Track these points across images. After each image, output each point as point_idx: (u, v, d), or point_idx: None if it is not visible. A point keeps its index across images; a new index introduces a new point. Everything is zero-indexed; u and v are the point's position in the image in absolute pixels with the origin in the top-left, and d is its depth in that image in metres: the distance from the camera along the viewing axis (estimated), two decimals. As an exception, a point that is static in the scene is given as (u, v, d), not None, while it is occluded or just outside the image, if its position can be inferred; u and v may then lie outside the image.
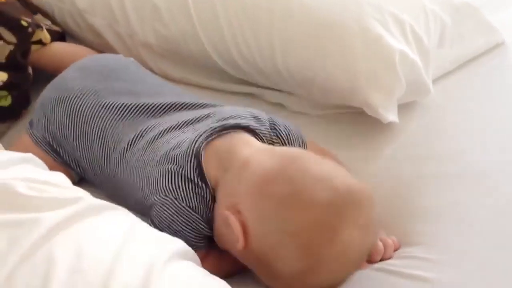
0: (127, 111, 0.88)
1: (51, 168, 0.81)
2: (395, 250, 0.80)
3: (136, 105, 0.88)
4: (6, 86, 1.05)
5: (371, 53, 0.92)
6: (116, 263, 0.62)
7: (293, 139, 0.85)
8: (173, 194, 0.77)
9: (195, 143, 0.78)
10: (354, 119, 0.99)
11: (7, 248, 0.61)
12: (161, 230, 0.75)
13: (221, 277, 0.69)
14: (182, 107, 0.88)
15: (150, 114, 0.88)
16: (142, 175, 0.82)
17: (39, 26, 1.10)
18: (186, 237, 0.76)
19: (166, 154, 0.80)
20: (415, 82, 0.96)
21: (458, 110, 1.01)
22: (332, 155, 0.90)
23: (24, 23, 1.07)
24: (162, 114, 0.87)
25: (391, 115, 0.94)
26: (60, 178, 0.75)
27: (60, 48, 1.13)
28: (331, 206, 0.70)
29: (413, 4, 1.01)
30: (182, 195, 0.77)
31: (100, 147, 0.88)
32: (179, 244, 0.70)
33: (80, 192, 0.72)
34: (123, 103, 0.89)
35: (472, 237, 0.79)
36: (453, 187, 0.86)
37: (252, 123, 0.82)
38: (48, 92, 0.97)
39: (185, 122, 0.84)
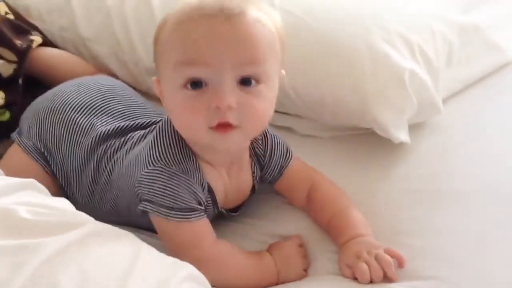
0: (120, 129, 0.91)
1: (39, 177, 0.82)
2: (400, 267, 0.78)
3: (129, 125, 0.92)
4: (6, 104, 1.04)
5: (379, 72, 0.91)
6: (123, 288, 0.60)
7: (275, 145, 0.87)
8: (162, 162, 0.79)
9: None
10: (364, 140, 0.97)
11: (10, 275, 0.59)
12: (158, 203, 0.77)
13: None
14: None
15: (140, 128, 0.91)
16: (132, 160, 0.84)
17: (31, 41, 1.10)
18: (184, 200, 0.78)
19: (152, 136, 0.83)
20: (425, 101, 0.94)
21: (468, 129, 0.99)
22: (321, 176, 0.90)
23: (17, 44, 1.07)
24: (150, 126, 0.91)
25: (402, 135, 0.92)
26: (63, 203, 0.73)
27: (51, 53, 1.13)
28: None
29: (420, 24, 1.00)
30: (170, 160, 0.79)
31: (91, 158, 0.90)
32: (188, 268, 0.68)
33: (84, 217, 0.70)
34: (119, 126, 0.91)
35: (487, 255, 0.78)
36: (465, 205, 0.85)
37: None
38: (43, 101, 0.98)
39: None
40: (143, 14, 1.08)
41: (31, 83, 1.10)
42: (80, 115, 0.93)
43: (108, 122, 0.92)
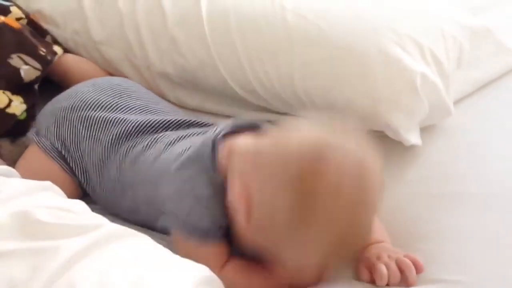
0: (142, 125, 0.92)
1: (58, 176, 0.86)
2: (418, 272, 0.78)
3: (150, 121, 0.93)
4: (27, 107, 1.06)
5: (391, 76, 0.91)
6: (140, 291, 0.61)
7: None
8: (190, 184, 0.78)
9: (214, 135, 0.80)
10: (374, 143, 0.97)
11: (28, 277, 0.60)
12: (180, 224, 0.78)
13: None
14: (189, 124, 0.94)
15: (163, 127, 0.92)
16: (157, 174, 0.84)
17: (55, 53, 1.12)
18: (207, 226, 0.78)
19: (181, 152, 0.83)
20: (436, 104, 0.95)
21: (479, 132, 0.99)
22: None
23: (41, 53, 1.09)
24: (173, 128, 0.92)
25: (413, 138, 0.92)
26: (80, 205, 0.74)
27: (73, 59, 1.15)
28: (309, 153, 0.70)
29: (431, 27, 1.00)
30: (200, 182, 0.78)
31: (113, 154, 0.91)
32: (203, 271, 0.68)
33: (100, 219, 0.71)
34: (138, 120, 0.93)
35: (499, 258, 0.78)
36: (477, 208, 0.85)
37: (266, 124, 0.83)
38: (59, 101, 1.00)
39: (195, 133, 0.90)
40: (155, 18, 1.08)
41: (42, 83, 1.11)
42: (98, 112, 0.94)
43: (127, 119, 0.93)
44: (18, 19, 1.14)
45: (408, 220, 0.85)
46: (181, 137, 0.88)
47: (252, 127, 0.82)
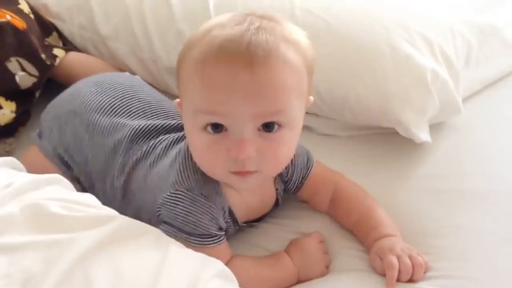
0: (141, 131, 0.89)
1: None
2: (425, 272, 0.78)
3: (150, 126, 0.90)
4: (16, 117, 1.05)
5: (402, 72, 0.91)
6: (156, 284, 0.60)
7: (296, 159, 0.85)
8: (184, 185, 0.78)
9: None
10: (383, 139, 0.97)
11: (42, 270, 0.59)
12: (178, 227, 0.77)
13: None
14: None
15: (161, 132, 0.90)
16: (155, 178, 0.83)
17: (55, 57, 1.10)
18: (205, 227, 0.78)
19: (175, 156, 0.82)
20: (446, 101, 0.94)
21: (487, 129, 1.00)
22: (343, 177, 0.89)
23: (43, 56, 1.07)
24: (171, 131, 0.90)
25: (424, 135, 0.92)
26: (90, 198, 0.73)
27: (76, 59, 1.14)
28: None
29: (440, 25, 1.00)
30: (193, 184, 0.78)
31: (115, 161, 0.88)
32: (218, 265, 0.68)
33: (111, 212, 0.71)
34: (139, 125, 0.89)
35: (509, 254, 0.78)
36: (486, 205, 0.86)
37: None
38: (62, 103, 0.97)
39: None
40: (162, 11, 1.08)
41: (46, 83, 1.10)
42: (100, 115, 0.91)
43: (128, 124, 0.90)
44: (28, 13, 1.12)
45: (414, 216, 0.85)
46: (176, 140, 0.86)
47: None
